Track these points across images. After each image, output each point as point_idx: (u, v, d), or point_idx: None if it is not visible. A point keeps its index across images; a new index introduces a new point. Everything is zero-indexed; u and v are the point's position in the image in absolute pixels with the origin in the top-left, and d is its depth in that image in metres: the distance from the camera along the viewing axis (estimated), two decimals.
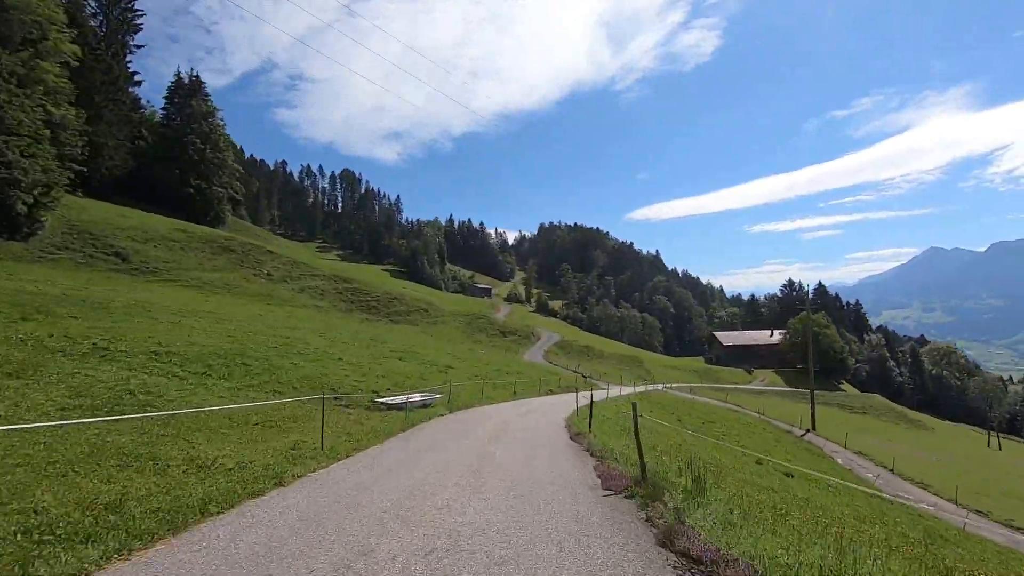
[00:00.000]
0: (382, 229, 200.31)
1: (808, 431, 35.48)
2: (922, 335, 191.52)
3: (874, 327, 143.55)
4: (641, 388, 47.26)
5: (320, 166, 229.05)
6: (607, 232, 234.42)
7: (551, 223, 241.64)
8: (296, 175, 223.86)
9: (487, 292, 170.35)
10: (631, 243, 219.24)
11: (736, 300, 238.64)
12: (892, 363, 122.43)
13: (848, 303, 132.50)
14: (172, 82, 67.18)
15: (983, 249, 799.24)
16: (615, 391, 41.82)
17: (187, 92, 67.13)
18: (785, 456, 24.18)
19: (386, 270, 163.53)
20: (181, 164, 63.22)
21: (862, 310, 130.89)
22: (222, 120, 68.78)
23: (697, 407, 35.93)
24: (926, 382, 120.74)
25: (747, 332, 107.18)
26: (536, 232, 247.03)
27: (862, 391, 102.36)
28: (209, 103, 67.77)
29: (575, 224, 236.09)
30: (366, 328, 41.89)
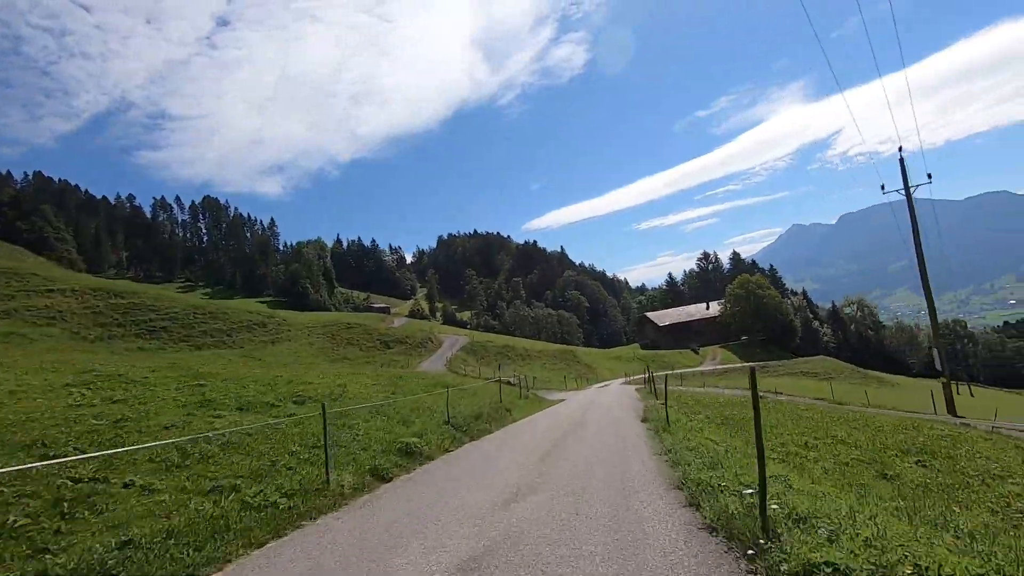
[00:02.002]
0: (256, 258, 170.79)
1: (961, 419, 18.64)
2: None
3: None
4: (623, 384, 28.47)
5: (177, 197, 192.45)
6: (508, 236, 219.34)
7: (450, 234, 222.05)
8: (148, 210, 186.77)
9: (385, 311, 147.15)
10: (535, 241, 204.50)
11: (641, 289, 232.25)
12: (816, 323, 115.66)
13: (763, 269, 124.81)
14: None
15: (834, 221, 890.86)
16: (584, 399, 22.57)
17: None
18: None
19: (263, 302, 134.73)
20: None
21: (778, 275, 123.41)
22: None
23: (781, 410, 17.80)
24: (849, 338, 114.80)
25: (683, 308, 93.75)
26: (435, 246, 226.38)
27: (796, 355, 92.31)
28: None
29: (475, 232, 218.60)
30: (81, 357, 19.71)
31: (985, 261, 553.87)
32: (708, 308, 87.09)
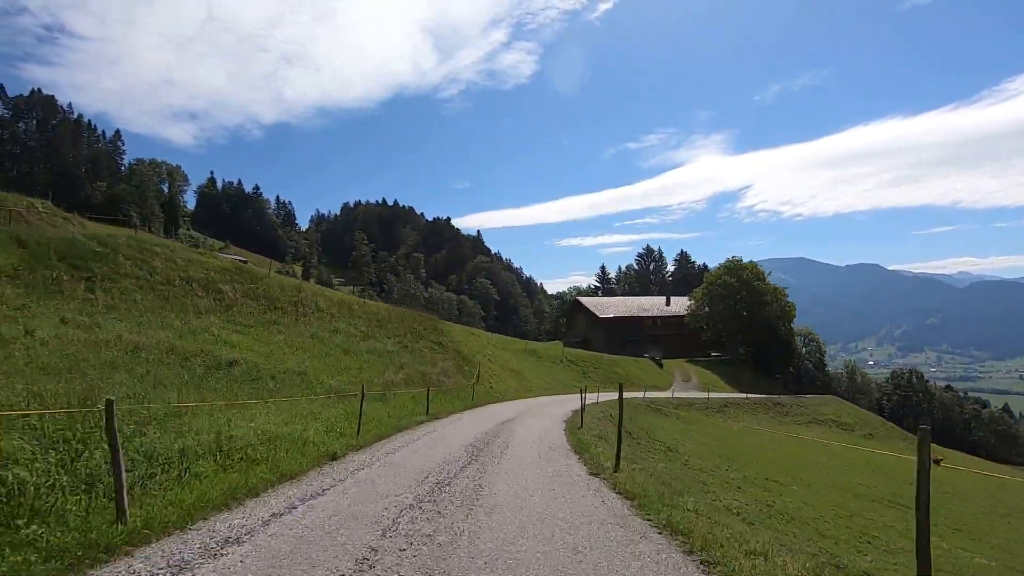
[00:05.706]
0: (81, 173, 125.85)
1: None
2: None
3: None
4: None
5: (1, 85, 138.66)
6: (422, 213, 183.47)
7: (356, 202, 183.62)
8: None
9: (241, 263, 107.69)
10: (448, 218, 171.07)
11: (556, 297, 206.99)
12: None
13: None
14: None
15: None
16: None
17: None
18: None
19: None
20: None
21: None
22: None
23: None
24: (802, 375, 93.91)
25: (632, 299, 66.14)
26: (339, 212, 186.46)
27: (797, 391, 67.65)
28: None
29: (382, 200, 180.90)
30: None
31: (854, 323, 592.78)
32: (669, 304, 60.27)
